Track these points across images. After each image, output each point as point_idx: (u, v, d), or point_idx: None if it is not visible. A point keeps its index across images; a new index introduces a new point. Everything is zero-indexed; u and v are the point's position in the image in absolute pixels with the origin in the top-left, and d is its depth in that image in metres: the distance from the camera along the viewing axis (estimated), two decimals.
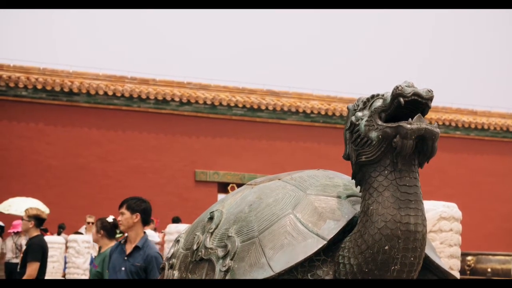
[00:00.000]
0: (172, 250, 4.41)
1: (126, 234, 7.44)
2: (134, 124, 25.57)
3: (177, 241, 4.43)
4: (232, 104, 26.63)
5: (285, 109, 27.26)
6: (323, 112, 27.65)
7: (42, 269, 9.74)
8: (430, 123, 3.39)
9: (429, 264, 3.78)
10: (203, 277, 3.81)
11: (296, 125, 27.49)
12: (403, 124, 3.32)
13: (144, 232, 7.42)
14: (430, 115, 28.83)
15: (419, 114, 3.36)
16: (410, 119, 3.34)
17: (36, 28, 56.70)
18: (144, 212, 7.31)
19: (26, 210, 9.87)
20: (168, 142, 25.92)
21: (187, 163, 26.04)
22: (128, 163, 25.25)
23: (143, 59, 56.21)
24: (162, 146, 25.79)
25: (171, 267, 4.28)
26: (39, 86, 24.44)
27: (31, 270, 9.51)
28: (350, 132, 3.58)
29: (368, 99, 3.57)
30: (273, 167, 26.32)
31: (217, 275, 3.69)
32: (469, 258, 20.53)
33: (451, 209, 5.49)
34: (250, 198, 3.93)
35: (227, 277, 3.64)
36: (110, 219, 8.83)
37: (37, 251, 9.63)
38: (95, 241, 9.03)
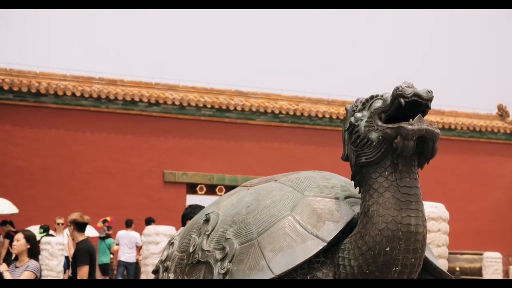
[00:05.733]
0: (166, 253, 4.35)
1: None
2: (102, 125, 25.38)
3: (171, 243, 4.37)
4: (201, 105, 26.54)
5: (254, 109, 27.24)
6: (291, 113, 27.67)
7: None
8: (431, 124, 3.38)
9: (426, 265, 3.78)
10: None
11: (265, 125, 27.48)
12: (404, 125, 3.31)
13: None
14: None
15: (419, 115, 3.36)
16: (410, 119, 3.33)
17: (1, 29, 56.12)
18: None
19: None
20: (136, 143, 25.77)
21: (156, 164, 25.91)
22: (96, 165, 25.06)
23: (111, 59, 55.93)
24: (130, 147, 25.63)
25: (166, 269, 4.22)
26: (6, 87, 24.16)
27: None
28: (349, 133, 3.57)
29: (367, 100, 3.55)
30: (242, 168, 26.33)
31: (216, 278, 3.66)
32: None
33: (439, 209, 5.51)
34: (247, 200, 3.89)
35: None
36: None
37: None
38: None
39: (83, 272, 9.73)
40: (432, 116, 29.74)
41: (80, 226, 10.00)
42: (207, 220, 4.03)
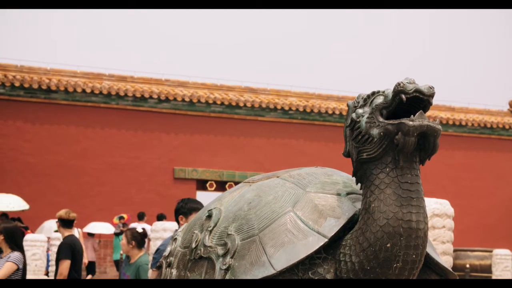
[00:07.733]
0: (169, 248, 4.37)
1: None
2: (112, 121, 25.44)
3: (174, 239, 4.39)
4: (211, 101, 26.57)
5: (263, 106, 27.24)
6: (301, 109, 27.66)
7: None
8: (433, 120, 3.38)
9: (428, 261, 3.78)
10: (203, 276, 3.78)
11: (274, 122, 27.48)
12: (405, 121, 3.31)
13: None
14: None
15: (420, 111, 3.36)
16: (412, 116, 3.32)
17: (13, 26, 56.29)
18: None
19: None
20: (146, 140, 25.82)
21: (166, 160, 25.96)
22: (106, 161, 25.13)
23: (120, 56, 55.99)
24: (140, 144, 25.68)
25: (169, 265, 4.24)
26: (17, 84, 24.26)
27: None
28: (351, 129, 3.57)
29: (368, 96, 3.55)
30: (252, 164, 26.34)
31: (217, 273, 3.66)
32: None
33: (444, 206, 5.50)
34: (249, 196, 3.90)
35: (227, 275, 3.61)
36: (139, 229, 8.85)
37: None
38: (126, 252, 9.02)
39: (63, 267, 9.68)
40: (442, 113, 29.68)
41: (65, 223, 10.08)
42: (209, 216, 4.04)
